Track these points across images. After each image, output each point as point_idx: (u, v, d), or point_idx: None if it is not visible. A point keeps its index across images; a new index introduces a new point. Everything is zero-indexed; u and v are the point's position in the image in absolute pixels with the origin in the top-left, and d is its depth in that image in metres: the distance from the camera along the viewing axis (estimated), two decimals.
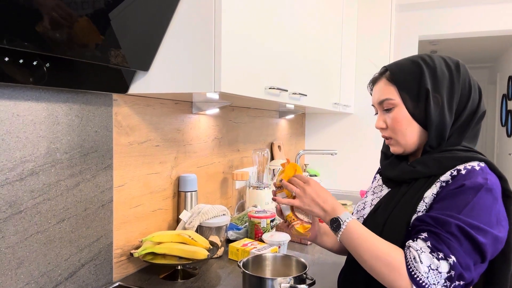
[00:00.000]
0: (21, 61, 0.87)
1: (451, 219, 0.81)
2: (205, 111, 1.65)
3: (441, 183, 0.90)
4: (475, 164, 0.89)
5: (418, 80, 0.94)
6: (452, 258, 0.79)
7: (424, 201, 0.91)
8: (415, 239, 0.84)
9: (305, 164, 2.98)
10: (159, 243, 1.27)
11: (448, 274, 0.79)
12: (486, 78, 6.73)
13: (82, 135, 1.12)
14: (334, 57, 2.26)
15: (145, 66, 1.16)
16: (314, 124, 3.00)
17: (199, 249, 1.25)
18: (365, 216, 1.05)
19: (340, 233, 0.91)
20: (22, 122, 0.96)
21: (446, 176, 0.90)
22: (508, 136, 5.11)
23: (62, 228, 1.07)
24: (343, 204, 1.89)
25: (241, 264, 1.08)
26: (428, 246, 0.81)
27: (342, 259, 1.46)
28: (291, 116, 2.57)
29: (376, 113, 1.03)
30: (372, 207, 1.05)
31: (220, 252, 1.46)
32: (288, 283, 1.00)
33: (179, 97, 1.41)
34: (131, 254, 1.26)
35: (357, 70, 2.81)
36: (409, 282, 0.80)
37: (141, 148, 1.35)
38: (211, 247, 1.34)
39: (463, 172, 0.88)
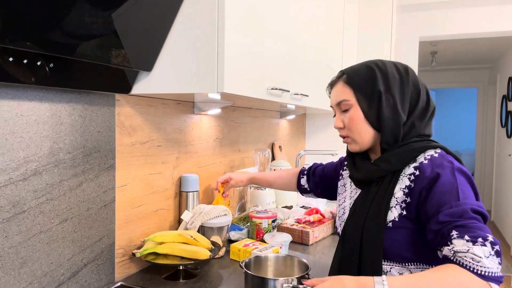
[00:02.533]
0: (25, 61, 0.88)
1: (462, 206, 0.85)
2: (207, 112, 1.65)
3: (408, 177, 0.96)
4: (432, 152, 0.97)
5: (372, 83, 1.01)
6: (489, 237, 0.82)
7: (394, 196, 0.97)
8: (450, 242, 0.83)
9: (305, 164, 2.98)
10: (161, 243, 1.28)
11: (495, 251, 0.81)
12: (486, 79, 6.74)
13: (85, 135, 1.12)
14: (335, 58, 2.26)
15: (148, 66, 1.16)
16: (315, 125, 3.01)
17: (201, 249, 1.26)
18: (345, 221, 1.08)
19: None
20: (26, 122, 0.96)
21: (410, 169, 0.96)
22: (508, 137, 5.11)
23: (65, 228, 1.07)
24: None
25: (243, 265, 1.09)
26: (467, 240, 0.82)
27: None
28: (292, 117, 2.57)
29: (335, 115, 1.10)
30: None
31: (221, 252, 1.46)
32: (290, 283, 0.99)
33: (181, 97, 1.41)
34: (133, 254, 1.27)
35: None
36: (486, 283, 0.79)
37: (143, 148, 1.35)
38: (213, 247, 1.34)
39: (425, 162, 0.95)
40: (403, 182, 0.97)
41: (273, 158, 2.43)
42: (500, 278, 0.80)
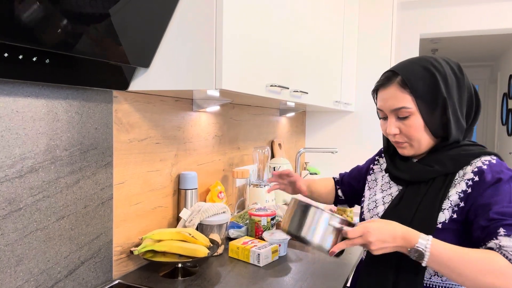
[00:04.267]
0: (20, 56, 0.87)
1: None
2: (206, 109, 1.64)
3: (466, 182, 0.94)
4: (489, 158, 0.95)
5: (435, 89, 0.95)
6: None
7: (449, 199, 0.94)
8: (495, 238, 0.85)
9: (305, 162, 2.98)
10: (159, 240, 1.27)
11: None
12: (487, 77, 6.72)
13: (82, 132, 1.11)
14: (335, 55, 2.25)
15: (146, 62, 1.15)
16: (315, 122, 3.00)
17: (199, 247, 1.25)
18: (379, 214, 1.05)
19: (425, 262, 0.86)
20: (22, 118, 0.95)
21: (468, 174, 0.94)
22: (509, 135, 5.10)
23: (62, 225, 1.06)
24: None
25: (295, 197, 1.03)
26: None
27: (343, 257, 1.46)
28: (291, 114, 2.56)
29: (382, 117, 1.03)
30: (386, 204, 1.06)
31: (220, 250, 1.46)
32: (339, 222, 0.94)
33: (180, 94, 1.40)
34: (131, 252, 1.26)
35: (358, 68, 2.80)
36: None
37: (141, 145, 1.34)
38: (211, 245, 1.33)
39: (484, 167, 0.93)
40: (460, 186, 0.94)
41: (272, 156, 2.43)
42: None
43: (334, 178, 1.43)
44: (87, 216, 1.14)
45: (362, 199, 1.18)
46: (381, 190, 1.10)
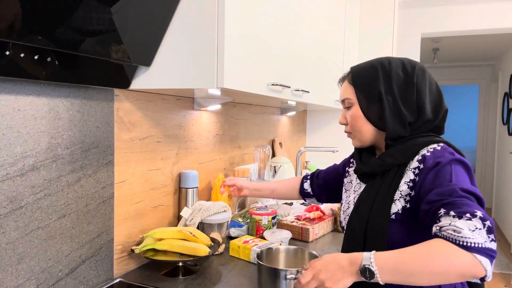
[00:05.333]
0: (22, 55, 0.86)
1: (451, 186, 0.86)
2: (207, 107, 1.64)
3: (412, 171, 0.97)
4: (435, 146, 0.97)
5: (372, 83, 1.02)
6: (478, 213, 0.81)
7: (399, 189, 0.97)
8: (438, 220, 0.84)
9: (306, 161, 2.97)
10: (160, 239, 1.27)
11: (485, 228, 0.79)
12: (489, 77, 6.71)
13: (83, 131, 1.11)
14: (336, 53, 2.25)
15: (147, 61, 1.15)
16: (316, 121, 2.99)
17: (200, 246, 1.25)
18: (349, 215, 1.09)
19: (379, 277, 0.82)
20: (23, 116, 0.95)
21: (414, 163, 0.97)
22: (510, 134, 5.09)
23: (63, 224, 1.06)
24: None
25: (255, 256, 1.16)
26: (453, 216, 0.82)
27: None
28: (292, 113, 2.56)
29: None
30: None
31: (221, 249, 1.46)
32: (295, 274, 1.03)
33: (181, 93, 1.40)
34: (132, 250, 1.26)
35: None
36: (468, 253, 0.77)
37: (143, 144, 1.34)
38: (212, 243, 1.33)
39: (427, 154, 0.96)
40: (408, 175, 0.98)
41: (273, 155, 2.42)
42: (489, 251, 0.77)
43: (306, 174, 1.49)
44: (88, 215, 1.14)
45: (341, 201, 1.22)
46: (353, 191, 1.14)
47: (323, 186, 1.39)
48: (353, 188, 1.15)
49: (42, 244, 1.01)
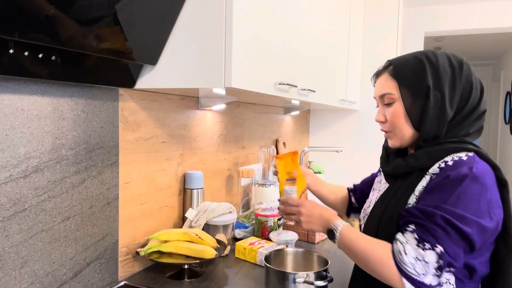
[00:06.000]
0: (26, 53, 0.84)
1: (437, 210, 0.83)
2: (211, 107, 1.62)
3: (430, 176, 0.92)
4: (463, 155, 0.90)
5: (420, 77, 0.94)
6: (439, 248, 0.82)
7: (414, 193, 0.93)
8: (403, 232, 0.87)
9: (309, 161, 2.95)
10: (166, 241, 1.25)
11: (437, 264, 0.82)
12: (490, 76, 6.68)
13: (87, 131, 1.09)
14: (341, 53, 2.22)
15: (153, 60, 1.12)
16: (319, 121, 2.97)
17: (206, 248, 1.23)
18: (368, 214, 1.07)
19: (336, 240, 0.96)
20: (27, 116, 0.93)
21: (434, 169, 0.92)
22: None
23: (67, 226, 1.04)
24: None
25: (263, 258, 1.15)
26: (415, 238, 0.84)
27: (346, 259, 1.43)
28: (296, 113, 2.54)
29: (377, 106, 1.04)
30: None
31: (227, 251, 1.43)
32: (304, 278, 1.03)
33: (186, 92, 1.37)
34: (137, 253, 1.24)
35: (363, 66, 2.78)
36: (398, 274, 0.84)
37: (147, 144, 1.32)
38: (219, 245, 1.31)
39: (450, 163, 0.89)
40: (425, 180, 0.92)
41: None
42: (421, 284, 0.82)
43: (348, 188, 1.38)
44: (93, 217, 1.12)
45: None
46: (378, 191, 1.10)
47: (361, 198, 1.29)
48: (379, 187, 1.11)
49: (46, 247, 0.99)
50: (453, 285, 0.86)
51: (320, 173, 2.81)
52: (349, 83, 2.43)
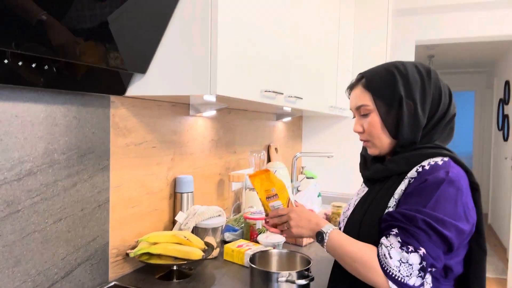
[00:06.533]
0: (20, 63, 0.89)
1: (418, 214, 0.88)
2: (202, 113, 1.67)
3: (409, 179, 0.97)
4: (438, 160, 0.95)
5: (392, 88, 1.00)
6: (422, 250, 0.86)
7: (394, 197, 0.97)
8: (387, 236, 0.91)
9: (302, 167, 3.00)
10: (155, 243, 1.29)
11: (420, 265, 0.87)
12: (483, 83, 6.76)
13: (79, 136, 1.13)
14: (330, 60, 2.28)
15: (143, 68, 1.17)
16: (311, 127, 3.02)
17: (194, 250, 1.27)
18: (347, 217, 1.11)
19: (325, 244, 1.00)
20: (21, 122, 0.98)
21: (412, 173, 0.96)
22: (505, 140, 5.13)
23: (59, 227, 1.09)
24: (337, 207, 1.91)
25: (248, 259, 1.19)
26: (398, 241, 0.89)
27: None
28: (288, 119, 2.59)
29: (354, 117, 1.09)
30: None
31: (215, 253, 1.48)
32: (286, 277, 1.07)
33: (176, 99, 1.42)
34: (127, 254, 1.28)
35: (353, 74, 2.83)
36: (384, 277, 0.88)
37: (138, 149, 1.36)
38: (206, 247, 1.35)
39: (427, 167, 0.95)
40: (404, 184, 0.97)
41: (268, 160, 2.45)
42: (405, 286, 0.86)
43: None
44: (84, 219, 1.16)
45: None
46: (357, 194, 1.16)
47: None
48: (358, 191, 1.17)
49: (39, 247, 1.03)
50: (430, 284, 0.90)
51: (313, 178, 2.85)
52: (338, 90, 2.49)
